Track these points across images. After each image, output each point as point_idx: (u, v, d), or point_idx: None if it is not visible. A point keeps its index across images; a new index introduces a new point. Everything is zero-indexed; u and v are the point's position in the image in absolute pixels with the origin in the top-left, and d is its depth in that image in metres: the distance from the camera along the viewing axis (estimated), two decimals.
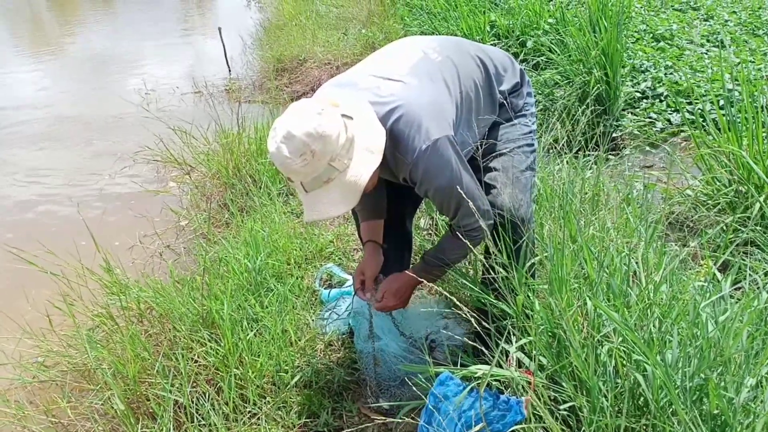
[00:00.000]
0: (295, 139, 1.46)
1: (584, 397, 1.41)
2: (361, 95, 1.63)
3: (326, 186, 1.55)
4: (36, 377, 2.24)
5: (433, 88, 1.68)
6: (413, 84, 1.66)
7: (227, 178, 3.62)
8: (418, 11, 6.68)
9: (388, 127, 1.60)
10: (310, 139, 1.46)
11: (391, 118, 1.60)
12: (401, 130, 1.59)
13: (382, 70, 1.71)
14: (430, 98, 1.65)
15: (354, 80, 1.71)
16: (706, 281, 1.68)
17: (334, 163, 1.51)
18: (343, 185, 1.55)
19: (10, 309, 2.42)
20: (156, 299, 2.32)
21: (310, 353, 2.19)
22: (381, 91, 1.64)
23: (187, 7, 12.40)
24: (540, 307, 1.62)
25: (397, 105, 1.60)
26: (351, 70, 1.81)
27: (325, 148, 1.48)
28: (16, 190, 4.29)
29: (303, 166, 1.49)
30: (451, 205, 1.70)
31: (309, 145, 1.46)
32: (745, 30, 5.12)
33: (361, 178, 1.55)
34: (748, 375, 1.30)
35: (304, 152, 1.47)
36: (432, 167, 1.61)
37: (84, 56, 8.35)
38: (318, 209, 1.58)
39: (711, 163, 2.73)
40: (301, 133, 1.46)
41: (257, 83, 6.25)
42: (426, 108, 1.62)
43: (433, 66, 1.73)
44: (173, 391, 1.92)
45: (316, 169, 1.51)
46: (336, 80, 1.78)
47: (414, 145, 1.58)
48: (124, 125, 5.35)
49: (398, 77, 1.67)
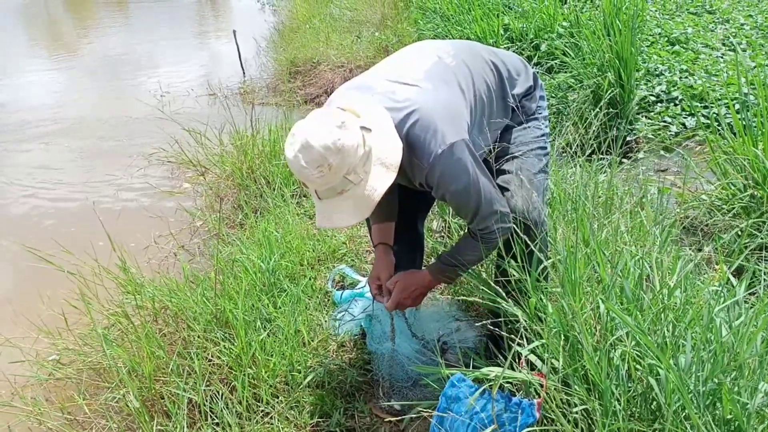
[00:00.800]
0: (312, 150, 1.46)
1: (597, 401, 1.41)
2: (378, 100, 1.63)
3: (340, 197, 1.56)
4: (52, 375, 2.27)
5: (448, 92, 1.69)
6: (428, 88, 1.66)
7: (241, 180, 3.64)
8: (431, 14, 6.69)
9: (404, 132, 1.60)
10: (328, 152, 1.46)
11: (407, 124, 1.60)
12: (417, 135, 1.60)
13: (398, 75, 1.71)
14: (445, 102, 1.66)
15: (370, 84, 1.72)
16: (720, 286, 1.67)
17: (349, 176, 1.52)
18: (356, 198, 1.56)
19: (27, 307, 2.46)
20: (170, 298, 2.35)
21: (323, 354, 2.20)
22: (397, 96, 1.64)
23: (202, 10, 12.51)
24: (553, 309, 1.62)
25: (413, 110, 1.61)
26: (367, 73, 1.82)
27: (343, 162, 1.49)
28: (32, 190, 4.35)
29: (319, 177, 1.50)
30: (469, 209, 1.70)
31: (326, 158, 1.47)
32: (761, 34, 5.08)
33: (375, 193, 1.56)
34: (762, 380, 1.29)
35: (321, 164, 1.48)
36: (448, 171, 1.62)
37: (99, 58, 8.45)
38: (330, 218, 1.60)
39: (726, 168, 2.71)
40: (320, 146, 1.46)
41: (271, 86, 6.28)
42: (441, 112, 1.62)
43: (448, 70, 1.74)
44: (187, 389, 1.94)
45: (332, 181, 1.52)
46: (352, 83, 1.79)
47: (430, 150, 1.59)
48: (140, 126, 5.40)
49: (413, 82, 1.68)
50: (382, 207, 2.01)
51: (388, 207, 2.03)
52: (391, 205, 2.04)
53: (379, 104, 1.62)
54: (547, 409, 1.46)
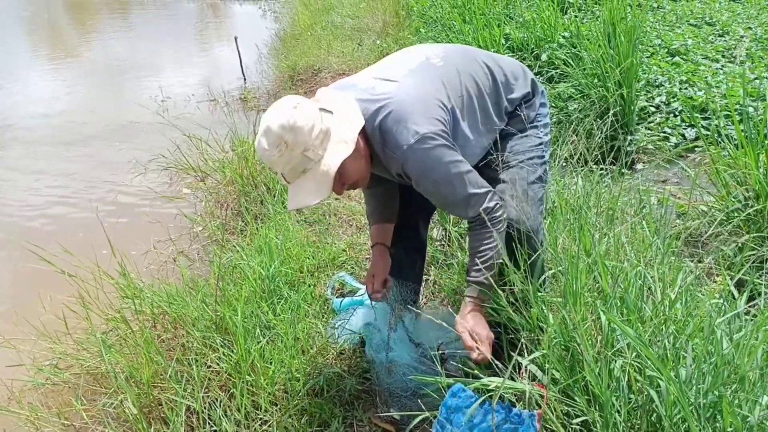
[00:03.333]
0: (271, 132, 1.57)
1: (597, 412, 1.41)
2: (354, 94, 1.69)
3: (303, 176, 1.64)
4: (49, 380, 2.26)
5: (427, 86, 1.71)
6: (408, 83, 1.71)
7: (242, 186, 3.65)
8: (432, 23, 6.72)
9: (377, 123, 1.65)
10: (284, 131, 1.56)
11: (380, 115, 1.65)
12: (389, 127, 1.64)
13: (382, 73, 1.77)
14: (421, 95, 1.68)
15: (354, 81, 1.78)
16: (721, 298, 1.67)
17: (308, 153, 1.60)
18: (316, 175, 1.63)
19: (27, 310, 2.45)
20: (169, 304, 2.34)
21: (322, 361, 2.19)
22: (375, 90, 1.70)
23: (203, 16, 12.55)
24: (554, 320, 1.62)
25: (387, 102, 1.65)
26: (355, 74, 1.87)
27: (297, 139, 1.57)
28: (33, 194, 4.35)
29: (279, 157, 1.59)
30: (458, 197, 1.69)
31: (282, 136, 1.56)
32: (761, 46, 5.11)
33: (330, 167, 1.62)
34: (762, 393, 1.29)
35: (279, 144, 1.57)
36: (424, 161, 1.64)
37: (101, 63, 8.47)
38: (296, 199, 1.66)
39: (726, 180, 2.72)
40: (276, 126, 1.56)
41: (272, 92, 6.30)
42: (416, 105, 1.65)
43: (433, 69, 1.77)
44: (186, 396, 1.94)
45: (291, 160, 1.60)
46: (339, 83, 1.85)
47: (401, 141, 1.63)
48: (141, 132, 5.41)
49: (394, 78, 1.73)
50: (379, 207, 2.03)
51: (386, 207, 2.05)
52: (390, 207, 2.05)
53: (355, 96, 1.69)
54: (547, 420, 1.46)
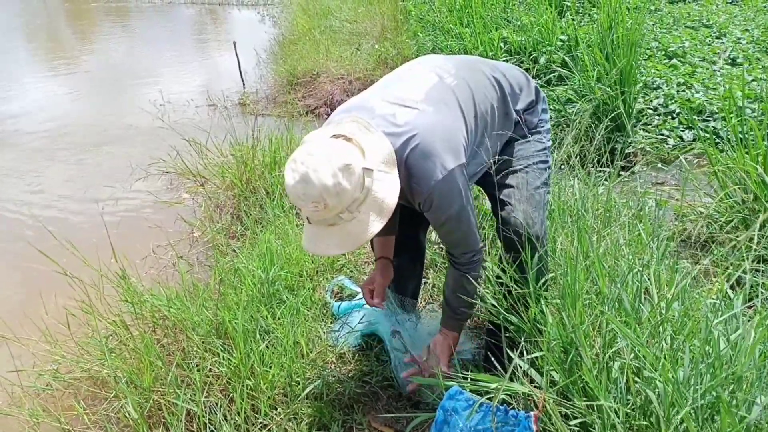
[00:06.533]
0: (311, 186, 1.46)
1: (595, 414, 1.41)
2: (377, 123, 1.64)
3: (329, 228, 1.58)
4: (49, 384, 2.26)
5: (447, 114, 1.69)
6: (428, 111, 1.67)
7: (241, 190, 3.65)
8: (431, 27, 6.74)
9: (404, 157, 1.62)
10: (326, 193, 1.47)
11: (407, 149, 1.61)
12: (417, 162, 1.61)
13: (397, 96, 1.71)
14: (445, 125, 1.66)
15: (371, 104, 1.71)
16: (718, 299, 1.68)
17: (342, 215, 1.54)
18: (345, 233, 1.58)
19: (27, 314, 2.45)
20: (169, 308, 2.34)
21: (322, 365, 2.20)
22: (396, 119, 1.64)
23: (202, 21, 12.57)
24: (552, 321, 1.62)
25: (413, 135, 1.61)
26: (367, 92, 1.81)
27: (339, 204, 1.50)
28: (31, 199, 4.35)
29: (313, 211, 1.52)
30: (458, 233, 1.75)
31: (324, 197, 1.48)
32: (758, 48, 5.13)
33: (362, 235, 1.57)
34: (760, 393, 1.29)
35: (317, 201, 1.48)
36: (446, 196, 1.64)
37: (100, 68, 8.48)
38: (317, 244, 1.62)
39: (724, 181, 2.73)
40: (320, 184, 1.46)
41: (271, 97, 6.31)
42: (440, 136, 1.63)
43: (448, 90, 1.74)
44: (186, 400, 1.94)
45: (324, 216, 1.54)
46: (352, 104, 1.78)
47: (429, 176, 1.61)
48: (140, 136, 5.42)
49: (413, 104, 1.68)
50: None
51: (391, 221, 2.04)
52: (392, 220, 2.05)
53: (379, 128, 1.63)
54: (545, 422, 1.46)
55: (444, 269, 2.68)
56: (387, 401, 2.06)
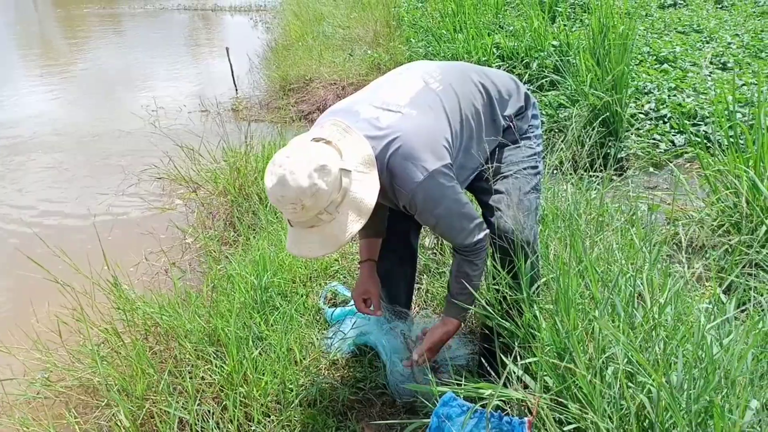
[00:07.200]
0: (288, 188, 1.49)
1: (589, 419, 1.41)
2: (360, 127, 1.66)
3: (310, 230, 1.60)
4: (40, 393, 2.24)
5: (431, 117, 1.70)
6: (411, 114, 1.68)
7: (234, 197, 3.64)
8: (423, 33, 6.76)
9: (386, 160, 1.63)
10: (303, 194, 1.49)
11: (389, 152, 1.62)
12: (399, 164, 1.63)
13: (383, 101, 1.73)
14: (427, 129, 1.67)
15: (357, 108, 1.73)
16: (710, 303, 1.68)
17: (321, 215, 1.56)
18: (325, 234, 1.60)
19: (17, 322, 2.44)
20: (162, 316, 2.33)
21: (315, 372, 2.19)
22: (380, 122, 1.66)
23: (195, 27, 12.57)
24: (546, 326, 1.62)
25: (394, 137, 1.63)
26: (355, 96, 1.84)
27: (316, 204, 1.52)
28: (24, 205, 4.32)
29: (292, 213, 1.54)
30: (453, 230, 1.75)
31: (300, 199, 1.50)
32: (748, 52, 5.17)
33: (342, 235, 1.59)
34: (753, 397, 1.29)
35: (294, 203, 1.51)
36: (430, 196, 1.65)
37: (92, 74, 8.46)
38: (299, 247, 1.64)
39: (716, 185, 2.74)
40: (296, 185, 1.48)
41: (264, 102, 6.31)
42: (422, 138, 1.64)
43: (433, 96, 1.76)
44: (178, 408, 1.93)
45: (303, 216, 1.55)
46: (339, 107, 1.80)
47: (411, 178, 1.62)
48: (132, 142, 5.40)
49: (397, 108, 1.70)
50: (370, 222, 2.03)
51: (377, 223, 2.04)
52: (380, 221, 2.05)
53: (362, 131, 1.64)
54: (539, 427, 1.46)
55: (438, 274, 2.67)
56: (381, 408, 2.05)
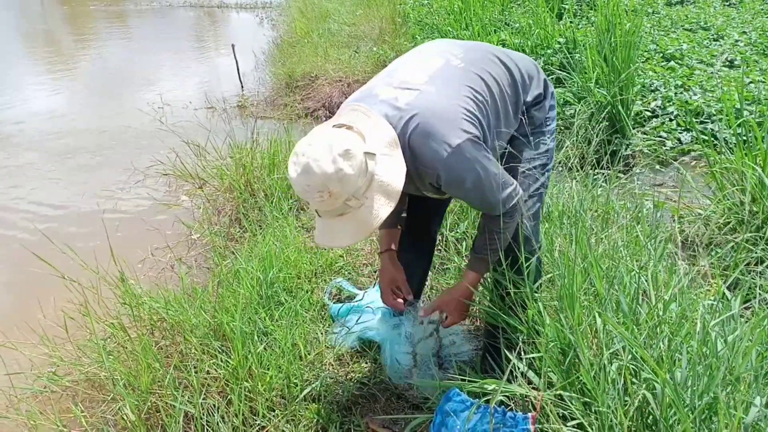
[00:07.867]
0: (314, 176, 1.45)
1: (593, 415, 1.41)
2: (379, 109, 1.61)
3: (340, 218, 1.56)
4: (47, 387, 2.26)
5: (450, 92, 1.65)
6: (430, 91, 1.63)
7: (240, 193, 3.65)
8: (429, 30, 6.75)
9: (407, 139, 1.58)
10: (329, 181, 1.45)
11: (408, 130, 1.58)
12: (420, 142, 1.58)
13: (401, 80, 1.69)
14: (446, 104, 1.62)
15: (375, 92, 1.69)
16: (715, 300, 1.68)
17: (350, 202, 1.52)
18: (356, 221, 1.55)
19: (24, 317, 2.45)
20: (167, 311, 2.34)
21: (320, 367, 2.20)
22: (398, 102, 1.62)
23: (201, 24, 12.59)
24: (550, 322, 1.62)
25: (412, 115, 1.58)
26: (374, 79, 1.79)
27: (343, 190, 1.48)
28: (32, 201, 4.35)
29: (319, 201, 1.50)
30: (486, 202, 1.68)
31: (327, 185, 1.46)
32: (755, 50, 5.14)
33: (374, 219, 1.55)
34: (757, 394, 1.29)
35: (321, 190, 1.47)
36: (457, 172, 1.59)
37: (99, 71, 8.49)
38: (329, 237, 1.59)
39: (722, 182, 2.73)
40: (321, 172, 1.45)
41: (269, 99, 6.31)
42: (441, 114, 1.59)
43: (455, 72, 1.71)
44: (184, 402, 1.94)
45: (332, 205, 1.52)
46: (358, 93, 1.76)
47: (434, 156, 1.57)
48: (139, 139, 5.42)
49: (415, 86, 1.65)
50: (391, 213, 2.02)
51: (397, 212, 2.00)
52: (399, 211, 2.03)
53: (382, 113, 1.60)
54: (543, 423, 1.46)
55: (442, 270, 2.68)
56: (385, 403, 2.06)
